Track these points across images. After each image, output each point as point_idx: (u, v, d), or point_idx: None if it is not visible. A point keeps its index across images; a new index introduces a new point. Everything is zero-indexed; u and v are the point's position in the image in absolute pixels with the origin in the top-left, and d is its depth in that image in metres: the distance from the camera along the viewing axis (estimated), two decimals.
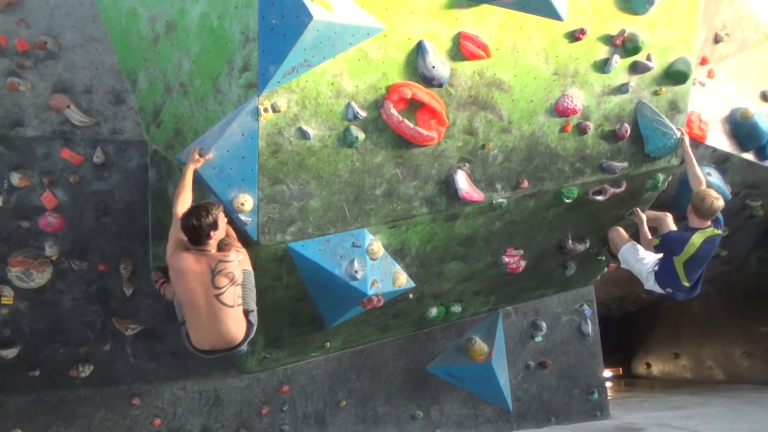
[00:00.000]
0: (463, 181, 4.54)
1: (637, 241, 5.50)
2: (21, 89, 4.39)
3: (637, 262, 5.34)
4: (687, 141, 5.12)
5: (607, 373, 11.07)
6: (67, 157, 4.58)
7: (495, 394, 6.43)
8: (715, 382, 9.73)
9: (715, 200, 4.83)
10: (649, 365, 11.75)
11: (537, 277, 6.14)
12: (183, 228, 3.67)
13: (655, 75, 4.95)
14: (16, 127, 4.45)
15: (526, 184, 4.83)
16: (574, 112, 4.70)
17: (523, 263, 5.59)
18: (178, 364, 5.32)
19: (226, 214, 4.08)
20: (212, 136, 3.96)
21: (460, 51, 4.20)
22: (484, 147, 4.56)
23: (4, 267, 4.54)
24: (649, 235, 5.32)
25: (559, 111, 4.69)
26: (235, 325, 3.83)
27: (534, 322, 6.66)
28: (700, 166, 5.24)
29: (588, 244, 5.83)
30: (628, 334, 12.07)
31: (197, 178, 3.97)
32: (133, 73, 4.52)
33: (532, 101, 4.60)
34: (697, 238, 4.91)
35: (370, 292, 4.54)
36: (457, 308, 5.92)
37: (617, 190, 5.21)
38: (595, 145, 4.97)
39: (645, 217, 5.50)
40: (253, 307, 3.99)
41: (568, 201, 5.07)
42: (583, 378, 6.83)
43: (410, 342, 6.27)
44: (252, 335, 4.00)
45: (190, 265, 3.68)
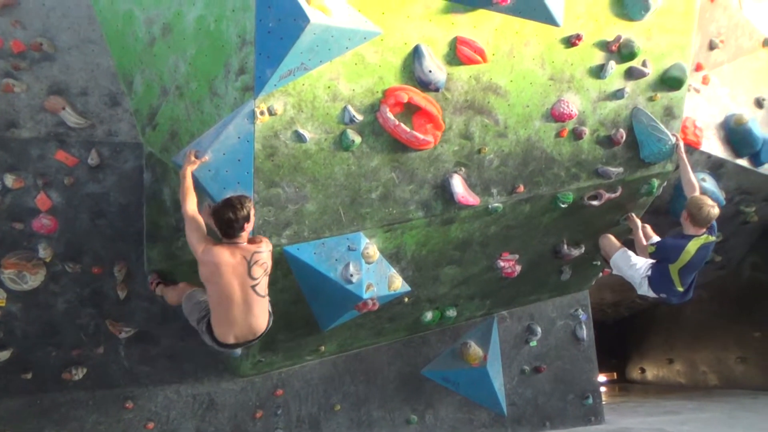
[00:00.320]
0: (458, 186, 4.55)
1: (631, 245, 5.51)
2: (16, 90, 4.38)
3: (630, 269, 5.34)
4: (682, 147, 5.14)
5: (602, 378, 11.09)
6: (62, 158, 4.56)
7: (490, 399, 6.43)
8: (709, 387, 9.75)
9: (712, 209, 4.84)
10: (643, 370, 11.77)
11: (532, 282, 6.15)
12: (218, 221, 3.69)
13: (651, 81, 4.97)
14: (11, 129, 4.43)
15: (521, 188, 4.84)
16: (570, 117, 4.72)
17: (518, 268, 5.60)
18: (172, 368, 5.30)
19: None
20: (208, 138, 3.96)
21: (456, 55, 4.21)
22: (480, 151, 4.57)
23: None
24: (644, 241, 5.33)
25: (555, 116, 4.70)
26: (263, 316, 3.90)
27: (529, 326, 6.67)
28: (694, 172, 5.26)
29: (583, 249, 5.84)
30: (623, 339, 12.09)
31: (193, 181, 3.96)
32: (129, 75, 4.51)
33: (528, 106, 4.61)
34: (693, 246, 4.92)
35: (366, 295, 4.53)
36: (453, 312, 5.92)
37: (612, 195, 5.22)
38: (591, 151, 4.98)
39: (640, 223, 5.52)
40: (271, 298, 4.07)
41: (563, 206, 5.09)
42: (578, 383, 6.83)
43: (405, 346, 6.26)
44: (270, 325, 4.06)
45: (225, 258, 3.68)
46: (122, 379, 5.22)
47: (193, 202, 3.82)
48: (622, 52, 4.75)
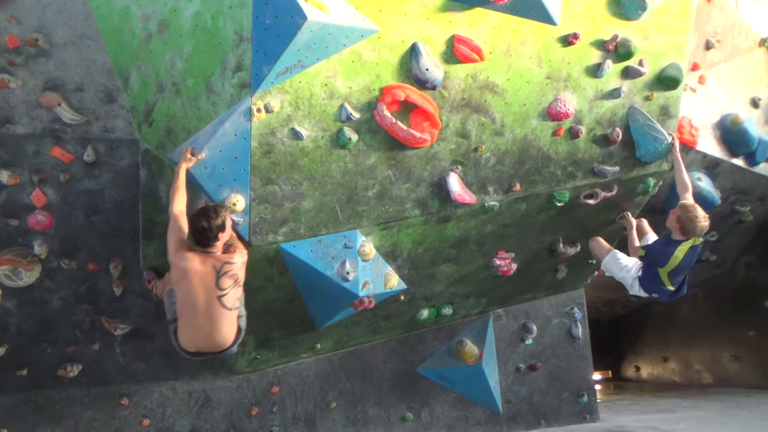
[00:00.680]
0: (455, 184, 4.55)
1: (625, 245, 5.53)
2: (11, 86, 4.36)
3: (621, 270, 5.35)
4: (677, 146, 5.15)
5: (597, 376, 11.11)
6: (58, 155, 4.55)
7: (485, 397, 6.44)
8: (704, 386, 9.79)
9: (704, 222, 4.80)
10: (638, 368, 11.81)
11: (528, 280, 6.16)
12: (192, 229, 3.67)
13: (647, 80, 4.98)
14: (6, 125, 4.41)
15: (518, 187, 4.85)
16: (567, 116, 4.72)
17: (514, 266, 5.61)
18: (168, 365, 5.29)
19: None
20: (204, 135, 3.95)
21: (453, 54, 4.21)
22: (476, 150, 4.57)
23: None
24: (637, 242, 5.32)
25: (552, 115, 4.71)
26: (228, 329, 3.81)
27: (524, 324, 6.68)
28: (690, 172, 5.27)
29: (579, 247, 5.85)
30: (618, 338, 12.12)
31: (189, 178, 3.95)
32: (126, 71, 4.49)
33: (525, 105, 4.61)
34: (681, 251, 4.90)
35: (362, 293, 4.53)
36: (448, 310, 5.93)
37: (608, 194, 5.23)
38: (587, 149, 4.99)
39: (635, 222, 5.53)
40: (243, 313, 3.98)
41: (559, 204, 5.10)
42: (573, 381, 6.85)
43: (401, 344, 6.27)
44: (240, 340, 3.98)
45: (195, 266, 3.66)
46: (117, 376, 5.21)
47: (180, 203, 3.81)
48: (619, 51, 4.75)
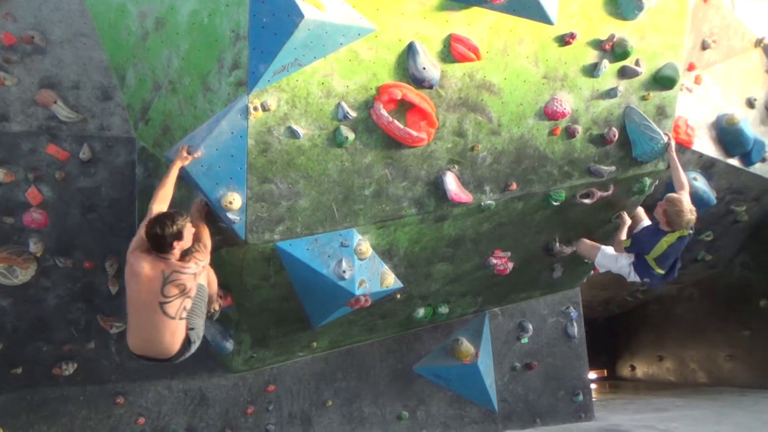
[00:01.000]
0: (452, 183, 4.55)
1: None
2: (7, 84, 4.35)
3: (616, 261, 5.46)
4: (673, 146, 5.17)
5: (592, 375, 11.15)
6: (54, 153, 4.53)
7: (481, 395, 6.46)
8: (699, 385, 9.83)
9: (690, 215, 4.87)
10: (633, 368, 11.85)
11: (524, 279, 6.17)
12: (146, 235, 3.63)
13: (644, 80, 4.99)
14: (2, 122, 4.40)
15: (514, 186, 4.86)
16: (563, 115, 4.73)
17: (510, 265, 5.62)
18: (164, 363, 5.27)
19: (212, 214, 4.06)
20: (201, 133, 3.94)
21: (450, 53, 4.21)
22: (473, 149, 4.58)
23: None
24: (624, 237, 5.39)
25: (548, 114, 4.72)
26: (171, 337, 3.70)
27: (520, 323, 6.70)
28: (685, 172, 5.29)
29: (575, 247, 5.86)
30: (613, 337, 12.16)
31: (186, 176, 3.95)
32: (122, 69, 4.48)
33: (522, 104, 4.62)
34: (666, 242, 5.00)
35: (358, 292, 4.54)
36: (445, 309, 5.94)
37: (605, 194, 5.25)
38: (584, 149, 5.00)
39: (629, 222, 5.57)
40: (196, 324, 3.84)
41: (556, 204, 5.10)
42: (569, 380, 6.87)
43: (397, 342, 6.27)
44: (190, 352, 3.88)
45: (143, 269, 3.61)
46: (113, 374, 5.20)
47: (162, 201, 3.79)
48: (616, 51, 4.76)
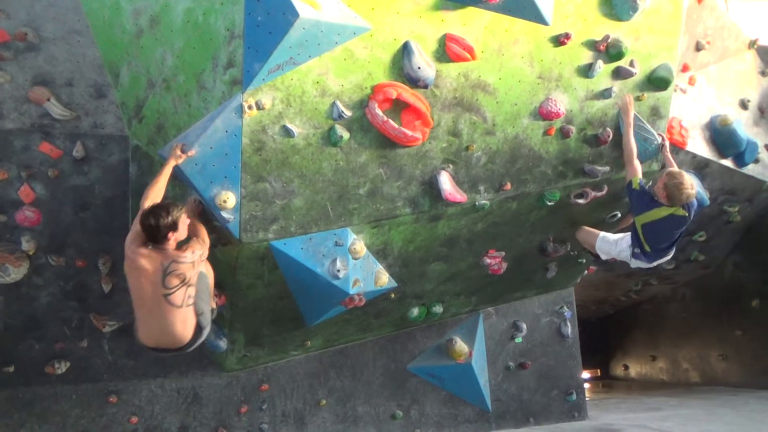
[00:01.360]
0: (446, 182, 4.56)
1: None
2: (0, 81, 4.32)
3: (615, 246, 5.33)
4: (667, 146, 5.19)
5: (586, 375, 11.20)
6: (47, 150, 4.51)
7: (475, 395, 6.47)
8: (691, 384, 9.88)
9: (690, 189, 4.70)
10: (626, 367, 11.90)
11: (518, 279, 6.18)
12: (141, 226, 3.62)
13: (638, 81, 5.00)
14: None
15: (509, 186, 4.86)
16: (558, 115, 4.74)
17: (504, 265, 5.63)
18: (157, 362, 5.27)
19: (206, 213, 4.05)
20: (195, 132, 3.93)
21: (445, 53, 4.21)
22: (468, 149, 4.58)
23: None
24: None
25: (543, 114, 4.72)
26: (182, 325, 3.72)
27: (514, 323, 6.71)
28: None
29: (569, 246, 5.88)
30: (607, 337, 12.22)
31: (179, 175, 3.94)
32: (116, 67, 4.46)
33: (516, 104, 4.62)
34: (658, 213, 4.81)
35: (352, 291, 4.54)
36: (439, 309, 5.94)
37: (599, 194, 5.26)
38: (578, 149, 5.01)
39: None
40: (204, 310, 3.88)
41: (550, 204, 5.11)
42: (562, 379, 6.89)
43: (391, 342, 6.28)
44: (203, 338, 3.91)
45: (143, 262, 3.61)
46: (106, 373, 5.18)
47: (154, 198, 3.77)
48: (610, 51, 4.77)
